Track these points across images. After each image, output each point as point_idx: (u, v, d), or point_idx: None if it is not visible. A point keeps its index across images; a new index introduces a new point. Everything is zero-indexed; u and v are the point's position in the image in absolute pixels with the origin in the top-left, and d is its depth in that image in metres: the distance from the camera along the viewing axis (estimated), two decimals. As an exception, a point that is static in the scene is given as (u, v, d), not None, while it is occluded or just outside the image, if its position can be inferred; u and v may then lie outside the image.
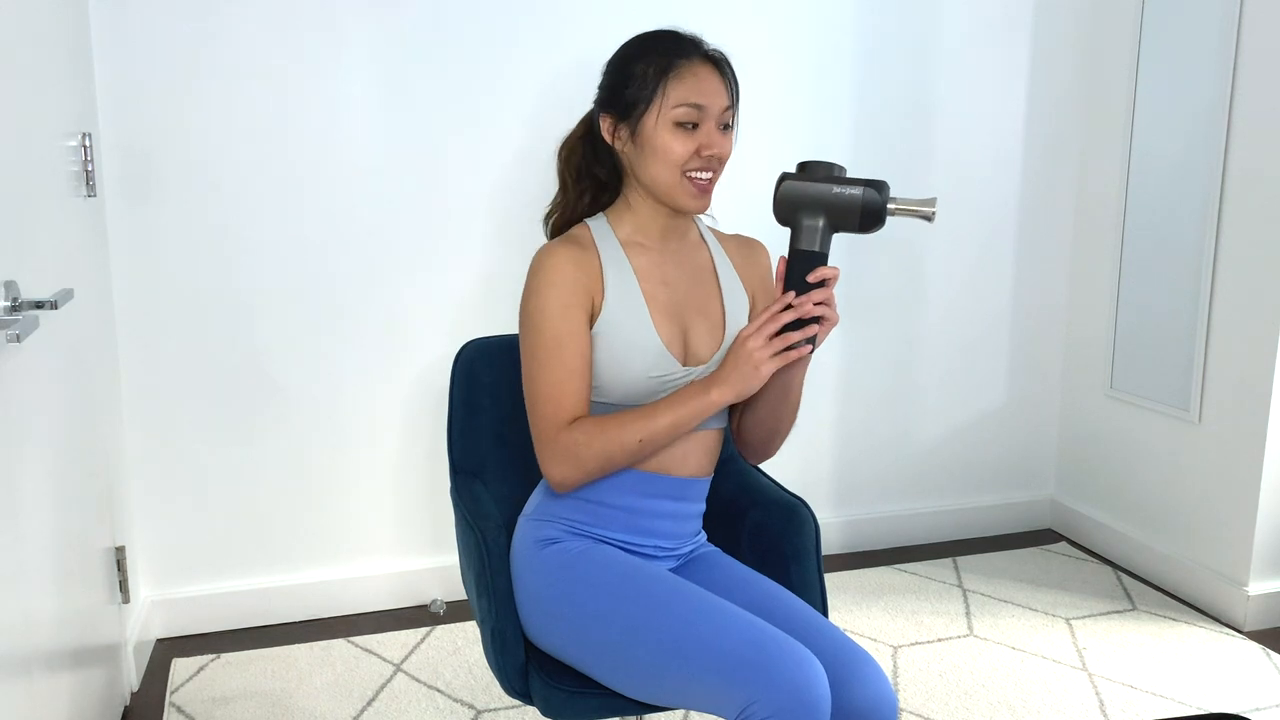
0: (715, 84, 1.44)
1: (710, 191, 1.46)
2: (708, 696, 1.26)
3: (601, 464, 1.43)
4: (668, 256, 1.52)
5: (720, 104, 1.43)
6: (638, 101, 1.44)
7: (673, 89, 1.42)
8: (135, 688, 2.19)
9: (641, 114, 1.44)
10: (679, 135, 1.43)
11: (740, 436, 1.60)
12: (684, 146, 1.42)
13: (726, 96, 1.45)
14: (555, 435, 1.42)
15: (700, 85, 1.43)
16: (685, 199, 1.45)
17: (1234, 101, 2.43)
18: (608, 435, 1.41)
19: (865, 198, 1.33)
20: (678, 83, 1.42)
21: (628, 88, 1.45)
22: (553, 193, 1.61)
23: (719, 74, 1.45)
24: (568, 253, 1.44)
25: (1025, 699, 2.14)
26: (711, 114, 1.43)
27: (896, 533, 2.97)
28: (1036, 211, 2.94)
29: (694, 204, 1.45)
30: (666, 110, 1.42)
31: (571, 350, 1.42)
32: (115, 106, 2.19)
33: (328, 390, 2.44)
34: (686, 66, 1.43)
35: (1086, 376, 2.97)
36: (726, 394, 1.38)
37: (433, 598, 2.58)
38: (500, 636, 1.45)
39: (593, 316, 1.45)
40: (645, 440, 1.41)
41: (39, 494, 1.55)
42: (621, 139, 1.48)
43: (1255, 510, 2.43)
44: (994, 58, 2.80)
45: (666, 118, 1.43)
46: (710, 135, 1.43)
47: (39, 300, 1.44)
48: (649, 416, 1.41)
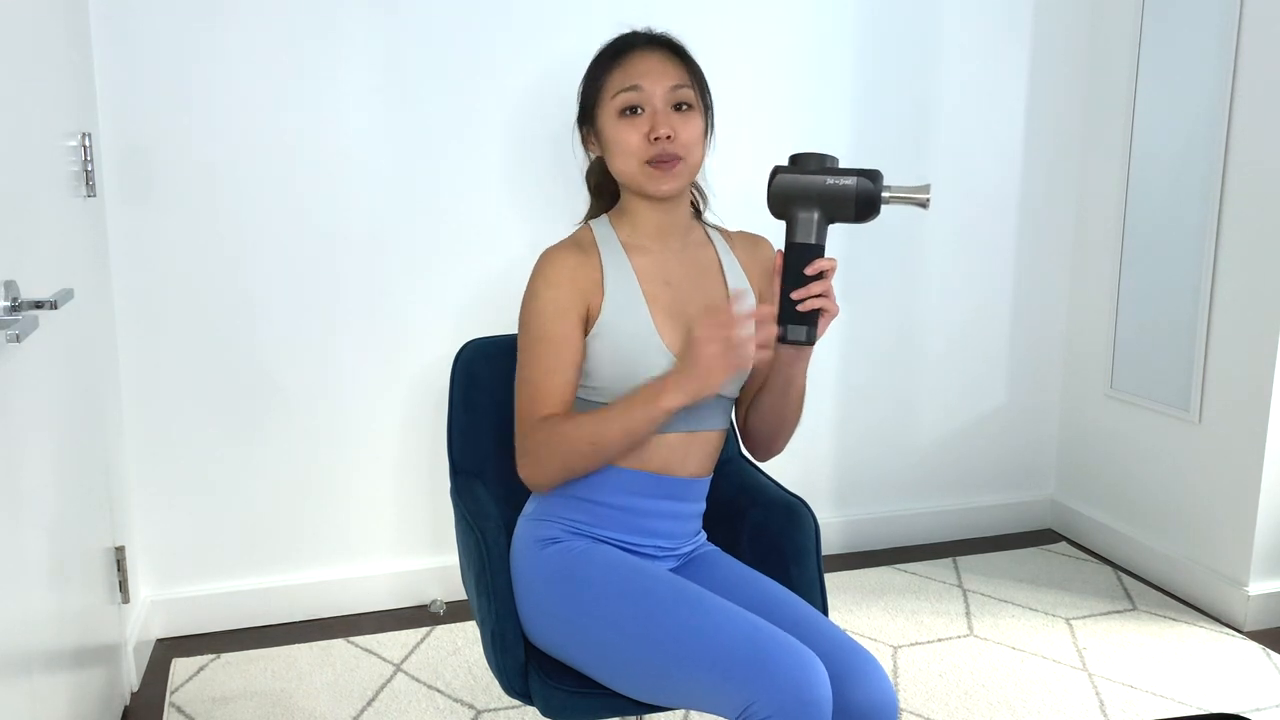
0: (656, 65, 1.44)
1: (674, 170, 1.43)
2: (708, 696, 1.26)
3: (560, 466, 1.42)
4: (670, 256, 1.51)
5: (664, 83, 1.43)
6: (591, 103, 1.48)
7: (612, 78, 1.44)
8: (135, 688, 2.19)
9: (595, 114, 1.47)
10: (625, 124, 1.43)
11: (745, 433, 1.60)
12: (634, 133, 1.43)
13: (673, 75, 1.43)
14: (526, 432, 1.44)
15: (637, 68, 1.43)
16: (651, 184, 1.44)
17: (1234, 101, 2.42)
18: (562, 435, 1.40)
19: (859, 187, 1.33)
20: (619, 71, 1.44)
21: (585, 92, 1.49)
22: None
23: (664, 55, 1.45)
24: (567, 256, 1.45)
25: (1025, 699, 2.14)
26: (654, 94, 1.42)
27: (896, 533, 2.97)
28: (1037, 211, 2.94)
29: (662, 187, 1.44)
30: (608, 100, 1.44)
31: (557, 350, 1.42)
32: (115, 106, 2.19)
33: (328, 390, 2.44)
34: (626, 56, 1.45)
35: (1086, 376, 2.97)
36: (677, 399, 1.35)
37: (433, 598, 2.58)
38: (500, 636, 1.45)
39: (591, 319, 1.45)
40: (597, 446, 1.39)
41: (39, 494, 1.55)
42: (594, 145, 1.51)
43: (1255, 510, 2.43)
44: (994, 57, 2.80)
45: (611, 109, 1.44)
46: (657, 117, 1.42)
47: (39, 300, 1.44)
48: (600, 421, 1.39)
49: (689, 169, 1.46)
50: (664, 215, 1.51)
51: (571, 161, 2.45)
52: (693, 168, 1.47)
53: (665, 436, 1.48)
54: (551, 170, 2.48)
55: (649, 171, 1.43)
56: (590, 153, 1.53)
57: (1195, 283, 2.55)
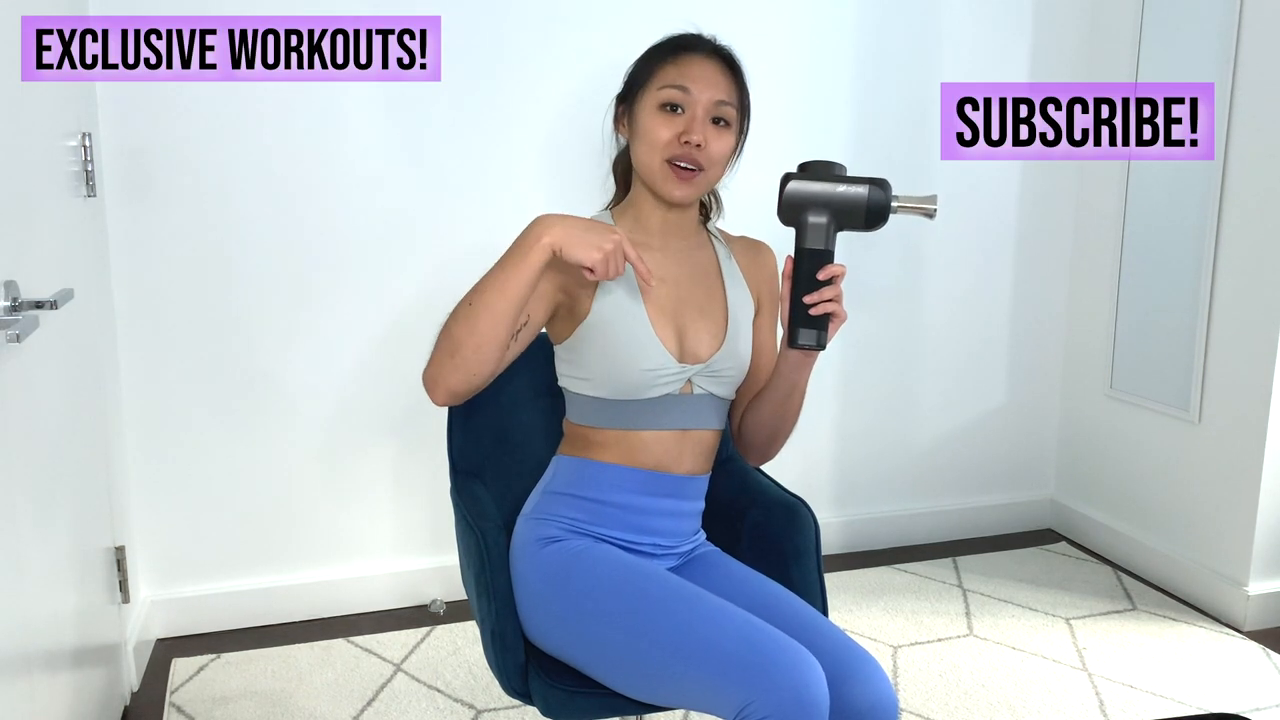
0: (710, 74, 1.44)
1: (693, 182, 1.44)
2: (706, 696, 1.26)
3: (447, 345, 1.34)
4: (669, 254, 1.52)
5: (711, 94, 1.43)
6: (635, 85, 1.48)
7: (664, 71, 1.45)
8: (135, 688, 2.19)
9: (637, 96, 1.47)
10: (662, 118, 1.44)
11: (741, 438, 1.60)
12: (667, 129, 1.43)
13: (723, 90, 1.44)
14: None
15: (691, 70, 1.44)
16: (666, 186, 1.45)
17: (1234, 101, 2.42)
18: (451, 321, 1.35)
19: (871, 196, 1.34)
20: (671, 67, 1.45)
21: (633, 75, 1.50)
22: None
23: (720, 68, 1.46)
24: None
25: (1025, 699, 2.14)
26: (699, 100, 1.43)
27: (896, 533, 2.97)
28: (1037, 211, 2.94)
29: (675, 192, 1.45)
30: (653, 90, 1.45)
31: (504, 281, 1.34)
32: (115, 106, 2.19)
33: (328, 389, 2.44)
34: (686, 55, 1.45)
35: (1086, 377, 2.97)
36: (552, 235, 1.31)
37: (433, 598, 2.58)
38: (500, 636, 1.45)
39: (584, 311, 1.45)
40: (474, 300, 1.33)
41: (39, 494, 1.55)
42: (624, 126, 1.51)
43: (1255, 510, 2.43)
44: (995, 56, 2.80)
45: (653, 99, 1.45)
46: (694, 123, 1.42)
47: (39, 300, 1.44)
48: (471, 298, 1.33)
49: (707, 182, 1.47)
50: (669, 215, 1.51)
51: (572, 159, 2.46)
52: (710, 181, 1.48)
53: (658, 434, 1.48)
54: (552, 170, 2.48)
55: (667, 171, 1.44)
56: (620, 134, 1.53)
57: (1195, 283, 2.55)
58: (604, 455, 1.49)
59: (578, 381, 1.49)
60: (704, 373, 1.48)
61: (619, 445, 1.49)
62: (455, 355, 1.34)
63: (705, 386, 1.49)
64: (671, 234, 1.52)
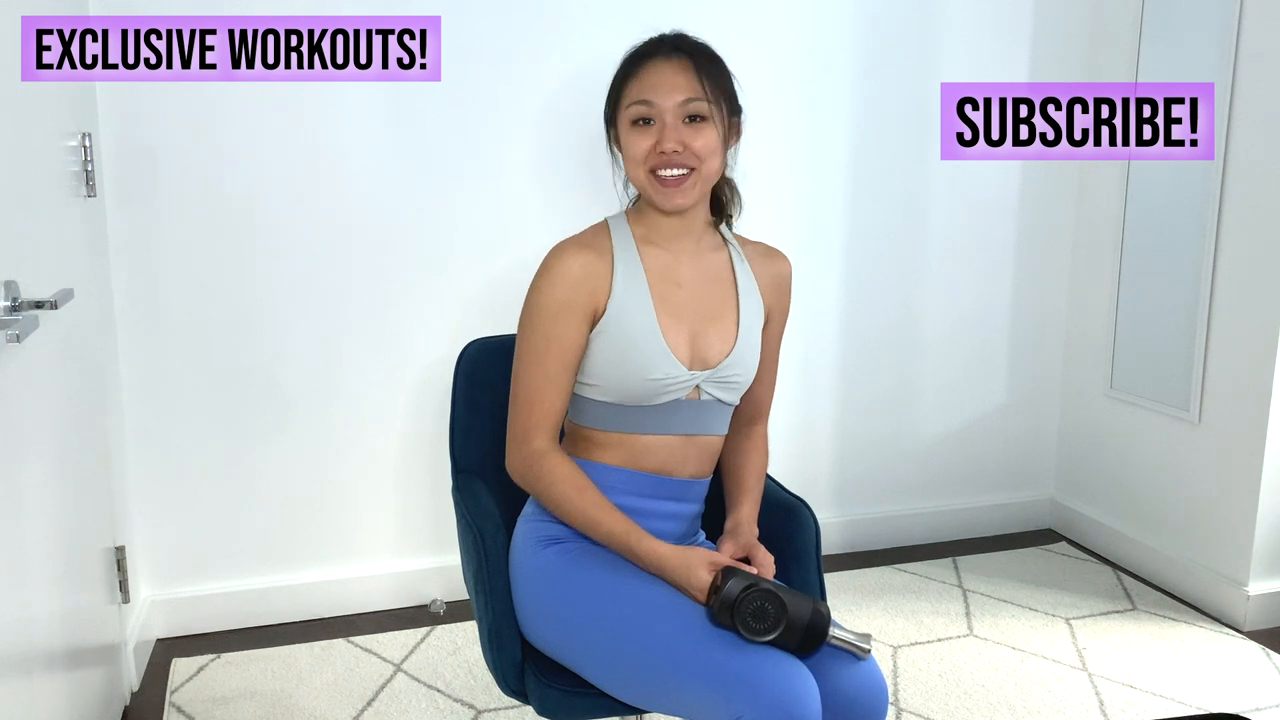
0: (670, 77, 1.43)
1: (683, 186, 1.43)
2: (696, 705, 1.26)
3: (548, 504, 1.47)
4: (683, 258, 1.51)
5: (674, 97, 1.42)
6: (612, 105, 1.50)
7: (629, 88, 1.46)
8: (135, 687, 2.19)
9: (615, 116, 1.49)
10: (636, 133, 1.45)
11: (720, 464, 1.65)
12: (643, 144, 1.44)
13: (686, 88, 1.42)
14: (524, 438, 1.46)
15: (651, 80, 1.44)
16: (658, 197, 1.45)
17: (1234, 101, 2.42)
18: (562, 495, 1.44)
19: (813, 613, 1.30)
20: (635, 82, 1.45)
21: (608, 96, 1.51)
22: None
23: (682, 65, 1.44)
24: (577, 254, 1.45)
25: (1025, 699, 2.14)
26: (664, 108, 1.42)
27: (896, 533, 2.97)
28: (1037, 211, 2.93)
29: (666, 203, 1.45)
30: (624, 109, 1.46)
31: (556, 353, 1.43)
32: (115, 106, 2.19)
33: (328, 389, 2.44)
34: (646, 65, 1.45)
35: (1086, 377, 2.96)
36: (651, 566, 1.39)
37: (433, 598, 2.58)
38: (497, 635, 1.45)
39: (597, 316, 1.45)
40: (583, 526, 1.44)
41: (39, 494, 1.55)
42: (616, 145, 1.52)
43: (1255, 510, 2.43)
44: (994, 57, 2.80)
45: (625, 117, 1.46)
46: (665, 131, 1.42)
47: (39, 300, 1.44)
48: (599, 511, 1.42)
49: (703, 179, 1.45)
50: (678, 220, 1.50)
51: (573, 164, 2.46)
52: (707, 176, 1.46)
53: (664, 439, 1.48)
54: (552, 171, 2.48)
55: (655, 184, 1.44)
56: (615, 152, 1.54)
57: (1195, 283, 2.55)
58: (607, 457, 1.49)
59: (584, 386, 1.49)
60: (712, 379, 1.48)
61: (622, 447, 1.49)
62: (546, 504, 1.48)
63: (712, 392, 1.49)
64: (682, 236, 1.52)
